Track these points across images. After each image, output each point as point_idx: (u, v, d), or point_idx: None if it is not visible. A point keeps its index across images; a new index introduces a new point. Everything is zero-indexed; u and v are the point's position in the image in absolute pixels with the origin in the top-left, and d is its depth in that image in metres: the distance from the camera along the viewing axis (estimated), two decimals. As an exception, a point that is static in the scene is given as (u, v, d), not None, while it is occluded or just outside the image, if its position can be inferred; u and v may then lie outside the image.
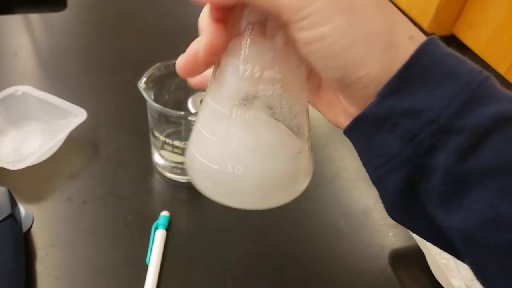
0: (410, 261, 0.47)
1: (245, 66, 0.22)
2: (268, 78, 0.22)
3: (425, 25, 2.28)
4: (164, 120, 0.48)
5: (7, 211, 0.42)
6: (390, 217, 0.23)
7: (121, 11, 0.85)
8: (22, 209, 0.45)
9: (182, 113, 0.45)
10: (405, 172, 0.20)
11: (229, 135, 0.23)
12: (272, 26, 0.22)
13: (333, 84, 0.21)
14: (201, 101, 0.51)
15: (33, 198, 0.49)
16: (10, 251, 0.41)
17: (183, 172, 0.51)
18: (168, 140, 0.48)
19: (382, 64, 0.19)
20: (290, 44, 0.21)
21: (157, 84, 0.48)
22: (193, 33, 0.24)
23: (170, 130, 0.49)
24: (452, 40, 2.33)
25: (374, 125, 0.21)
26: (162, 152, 0.50)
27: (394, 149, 0.20)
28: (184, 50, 0.24)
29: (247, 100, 0.23)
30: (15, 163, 0.47)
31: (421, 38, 0.20)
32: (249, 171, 0.23)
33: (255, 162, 0.23)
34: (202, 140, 0.25)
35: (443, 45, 0.20)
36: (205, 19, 0.22)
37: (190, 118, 0.47)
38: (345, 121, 0.23)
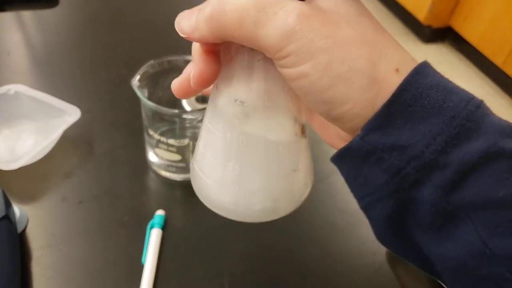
0: (406, 257, 0.47)
1: (236, 95, 0.23)
2: (261, 105, 0.23)
3: (421, 17, 2.29)
4: (158, 118, 0.47)
5: (1, 212, 0.41)
6: (379, 241, 0.23)
7: (114, 6, 0.84)
8: (17, 209, 0.45)
9: (176, 111, 0.44)
10: (392, 203, 0.20)
11: (225, 156, 0.24)
12: (261, 54, 0.22)
13: (321, 115, 0.22)
14: (196, 99, 0.51)
15: (28, 198, 0.49)
16: (5, 253, 0.40)
17: (178, 170, 0.50)
18: (162, 139, 0.47)
19: (365, 101, 0.19)
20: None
21: (150, 81, 0.48)
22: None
23: (164, 128, 0.49)
24: (449, 32, 2.33)
25: (359, 158, 0.21)
26: (157, 150, 0.49)
27: (380, 181, 0.20)
28: (177, 46, 0.24)
29: (243, 125, 0.23)
30: (8, 163, 0.47)
31: (408, 69, 0.20)
32: (247, 191, 0.24)
33: (252, 183, 0.24)
34: (202, 157, 0.26)
35: (431, 73, 0.19)
36: (196, 48, 0.22)
37: (184, 116, 0.47)
38: (338, 142, 0.23)
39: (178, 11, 0.22)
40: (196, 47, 0.23)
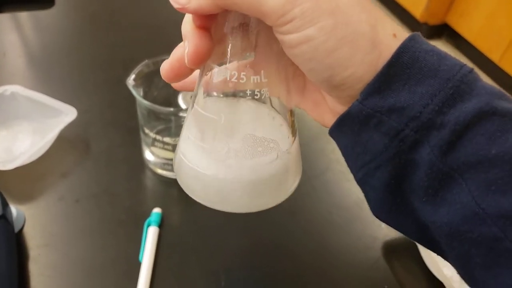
0: (402, 252, 0.48)
1: (231, 72, 0.22)
2: (255, 82, 0.22)
3: (417, 15, 2.29)
4: (154, 117, 0.48)
5: (-2, 212, 0.42)
6: (375, 216, 0.23)
7: (109, 7, 0.84)
8: (14, 209, 0.45)
9: (172, 109, 0.45)
10: (390, 169, 0.21)
11: (216, 141, 0.24)
12: (256, 28, 0.22)
13: (320, 85, 0.21)
14: (191, 97, 0.51)
15: (25, 198, 0.49)
16: (2, 252, 0.40)
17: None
18: (158, 137, 0.48)
19: (367, 64, 0.20)
20: (275, 45, 0.21)
21: (146, 81, 0.48)
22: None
23: (160, 127, 0.49)
24: (445, 29, 2.33)
25: (358, 123, 0.21)
26: (153, 149, 0.50)
27: (379, 146, 0.21)
28: (174, 45, 0.24)
29: (236, 101, 0.23)
30: (5, 163, 0.47)
31: (404, 35, 0.20)
32: (238, 177, 0.24)
33: (243, 169, 0.24)
34: (190, 145, 0.25)
35: (424, 42, 0.20)
36: (188, 26, 0.22)
37: (180, 114, 0.47)
38: (331, 120, 0.23)
39: (175, 11, 0.22)
40: (187, 24, 0.22)
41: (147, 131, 0.48)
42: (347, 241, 0.48)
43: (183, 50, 0.22)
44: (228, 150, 0.23)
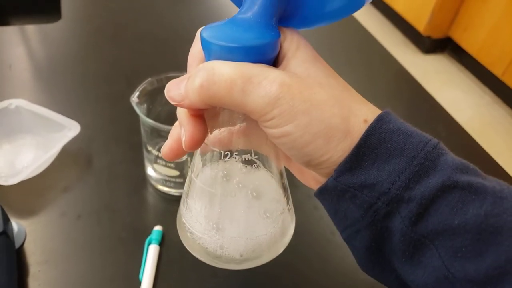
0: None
1: (224, 152, 0.25)
2: (247, 160, 0.25)
3: (421, 29, 2.30)
4: (156, 134, 0.48)
5: (-1, 228, 0.42)
6: (362, 270, 0.25)
7: (115, 21, 0.85)
8: (15, 225, 0.45)
9: (174, 127, 0.45)
10: (369, 233, 0.23)
11: (215, 208, 0.26)
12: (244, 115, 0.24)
13: (301, 165, 0.24)
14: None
15: (26, 213, 0.49)
16: (2, 269, 0.40)
17: (176, 185, 0.51)
18: (161, 154, 0.48)
19: (340, 150, 0.22)
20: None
21: (149, 98, 0.49)
22: (187, 43, 0.26)
23: (163, 144, 0.49)
24: (448, 43, 2.33)
25: (336, 195, 0.23)
26: (155, 166, 0.50)
27: (356, 215, 0.23)
28: (178, 60, 0.25)
29: (232, 178, 0.25)
30: (7, 178, 0.47)
31: (374, 118, 0.22)
32: (232, 240, 0.26)
33: (236, 232, 0.26)
34: (189, 209, 0.27)
35: (393, 120, 0.22)
36: (183, 114, 0.24)
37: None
38: (315, 186, 0.25)
39: (179, 24, 0.22)
40: (182, 112, 0.24)
41: (149, 148, 0.48)
42: (349, 262, 0.48)
43: (179, 131, 0.25)
44: (222, 215, 0.26)
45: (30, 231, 0.47)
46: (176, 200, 0.52)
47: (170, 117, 0.50)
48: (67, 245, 0.46)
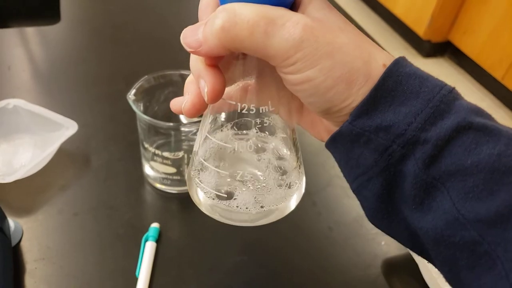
0: (402, 270, 0.47)
1: (242, 104, 0.24)
2: (264, 112, 0.24)
3: (420, 32, 2.30)
4: (153, 131, 0.48)
5: (-5, 225, 0.42)
6: (371, 223, 0.25)
7: (114, 22, 0.86)
8: (12, 222, 0.45)
9: (171, 124, 0.45)
10: (381, 180, 0.22)
11: (227, 163, 0.25)
12: (262, 62, 0.23)
13: (318, 114, 0.24)
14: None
15: (23, 211, 0.49)
16: (-2, 266, 0.40)
17: (173, 183, 0.51)
18: (158, 152, 0.48)
19: (362, 95, 0.22)
20: (275, 71, 0.23)
21: (146, 95, 0.49)
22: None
23: (160, 142, 0.49)
24: (448, 46, 2.33)
25: (349, 141, 0.23)
26: (152, 163, 0.50)
27: (369, 161, 0.22)
28: (177, 60, 0.24)
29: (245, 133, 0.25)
30: (4, 177, 0.47)
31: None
32: (249, 194, 0.25)
33: (254, 186, 0.25)
34: (200, 165, 0.26)
35: (408, 65, 0.22)
36: (199, 64, 0.23)
37: (181, 128, 0.47)
38: (327, 137, 0.25)
39: (178, 25, 0.22)
40: (199, 64, 0.23)
41: (146, 145, 0.48)
42: (347, 258, 0.47)
43: (195, 87, 0.24)
44: (240, 173, 0.25)
45: (27, 229, 0.47)
46: (174, 198, 0.52)
47: (166, 115, 0.50)
48: (63, 242, 0.46)
